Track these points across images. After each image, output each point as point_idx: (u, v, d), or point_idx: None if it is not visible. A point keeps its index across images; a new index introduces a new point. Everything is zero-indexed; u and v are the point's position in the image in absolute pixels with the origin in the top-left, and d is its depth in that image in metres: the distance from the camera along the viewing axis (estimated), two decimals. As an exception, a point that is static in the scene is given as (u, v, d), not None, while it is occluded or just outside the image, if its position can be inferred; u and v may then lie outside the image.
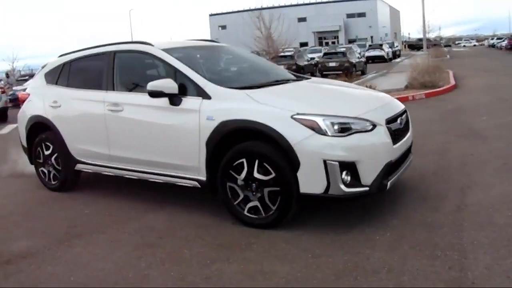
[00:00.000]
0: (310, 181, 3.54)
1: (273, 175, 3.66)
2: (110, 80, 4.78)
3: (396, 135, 3.88)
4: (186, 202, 4.60)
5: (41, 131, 5.46)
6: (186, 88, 4.11)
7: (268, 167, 3.67)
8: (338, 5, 69.56)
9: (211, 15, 78.32)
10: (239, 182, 3.83)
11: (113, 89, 4.74)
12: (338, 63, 22.59)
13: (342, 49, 26.65)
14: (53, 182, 5.43)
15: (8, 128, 12.65)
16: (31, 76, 35.61)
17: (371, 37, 64.85)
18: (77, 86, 5.15)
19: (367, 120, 3.66)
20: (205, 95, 4.00)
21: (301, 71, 18.73)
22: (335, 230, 3.67)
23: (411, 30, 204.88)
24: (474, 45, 74.57)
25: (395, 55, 41.98)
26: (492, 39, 65.55)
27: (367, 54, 34.70)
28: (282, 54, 22.15)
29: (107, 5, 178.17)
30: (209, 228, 3.92)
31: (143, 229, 4.02)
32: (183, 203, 4.57)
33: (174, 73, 4.26)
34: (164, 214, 4.38)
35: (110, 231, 4.03)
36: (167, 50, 4.49)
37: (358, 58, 25.91)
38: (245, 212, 3.84)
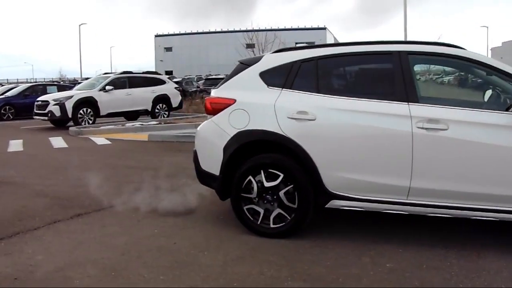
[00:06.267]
0: None
1: None
2: (412, 88, 3.61)
3: None
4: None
5: (257, 153, 3.91)
6: None
7: None
8: (287, 33, 70.11)
9: (156, 36, 75.92)
10: None
11: (417, 101, 3.58)
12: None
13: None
14: (273, 226, 3.84)
15: (13, 146, 10.35)
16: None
17: (320, 66, 65.96)
18: (342, 93, 3.79)
19: None
20: None
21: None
22: None
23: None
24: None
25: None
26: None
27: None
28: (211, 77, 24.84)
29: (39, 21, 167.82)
30: None
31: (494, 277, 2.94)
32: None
33: None
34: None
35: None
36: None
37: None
38: None
